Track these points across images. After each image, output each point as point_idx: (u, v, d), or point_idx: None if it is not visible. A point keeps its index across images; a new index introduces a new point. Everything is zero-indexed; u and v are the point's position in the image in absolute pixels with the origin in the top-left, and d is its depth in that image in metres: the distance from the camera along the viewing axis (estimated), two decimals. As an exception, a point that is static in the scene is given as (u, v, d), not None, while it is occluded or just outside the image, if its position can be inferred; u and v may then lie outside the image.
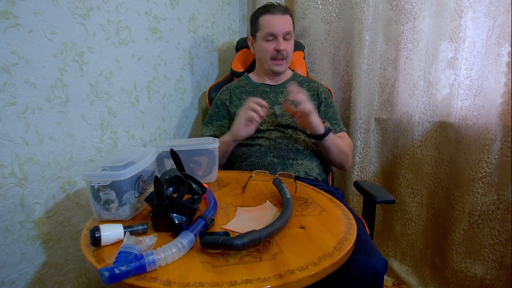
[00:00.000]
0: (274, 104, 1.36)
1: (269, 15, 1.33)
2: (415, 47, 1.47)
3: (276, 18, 1.32)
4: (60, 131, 1.05)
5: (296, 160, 1.26)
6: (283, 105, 1.23)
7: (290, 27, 1.34)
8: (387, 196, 1.14)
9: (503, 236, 1.40)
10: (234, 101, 1.38)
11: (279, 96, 1.38)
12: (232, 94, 1.41)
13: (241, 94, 1.40)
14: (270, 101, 1.36)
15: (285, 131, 1.31)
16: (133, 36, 1.27)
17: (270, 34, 1.33)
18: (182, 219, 0.76)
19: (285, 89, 1.38)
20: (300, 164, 1.26)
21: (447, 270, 1.55)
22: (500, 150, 1.35)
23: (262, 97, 1.35)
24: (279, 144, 1.28)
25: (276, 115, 1.33)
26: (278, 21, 1.32)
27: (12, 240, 0.96)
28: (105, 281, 0.58)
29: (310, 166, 1.27)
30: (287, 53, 1.36)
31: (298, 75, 1.49)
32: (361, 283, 0.84)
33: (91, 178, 0.79)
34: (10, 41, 0.90)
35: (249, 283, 0.59)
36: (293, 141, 1.29)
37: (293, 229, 0.79)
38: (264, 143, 1.29)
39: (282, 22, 1.32)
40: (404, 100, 1.55)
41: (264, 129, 1.31)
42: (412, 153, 1.56)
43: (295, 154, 1.27)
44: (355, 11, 1.54)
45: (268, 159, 1.25)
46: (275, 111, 1.34)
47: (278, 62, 1.36)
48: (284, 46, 1.33)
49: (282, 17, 1.33)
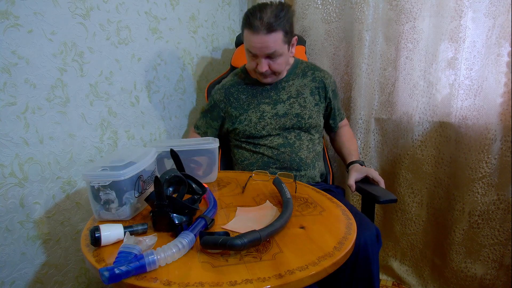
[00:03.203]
0: (277, 103, 1.26)
1: (250, 32, 1.13)
2: (415, 47, 1.47)
3: (256, 39, 1.12)
4: (60, 131, 1.05)
5: (299, 171, 1.24)
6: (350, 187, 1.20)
7: (275, 46, 1.13)
8: (388, 195, 1.10)
9: (503, 236, 1.40)
10: (233, 103, 1.29)
11: (281, 93, 1.28)
12: (228, 96, 1.30)
13: (239, 94, 1.30)
14: (271, 100, 1.27)
15: (288, 136, 1.25)
16: (133, 36, 1.27)
17: (250, 53, 1.18)
18: (182, 219, 0.76)
19: (287, 84, 1.29)
20: (303, 175, 1.25)
21: (447, 270, 1.55)
22: (500, 150, 1.35)
23: (262, 97, 1.28)
24: (282, 154, 1.23)
25: (279, 115, 1.25)
26: (259, 42, 1.12)
27: (12, 240, 0.96)
28: (105, 281, 0.58)
29: (312, 175, 1.27)
30: (273, 70, 1.20)
31: (301, 62, 1.35)
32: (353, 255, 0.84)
33: (91, 178, 0.80)
34: (10, 41, 0.90)
35: (249, 283, 0.59)
36: (296, 149, 1.24)
37: (293, 229, 0.79)
38: (266, 153, 1.25)
39: (263, 44, 1.12)
40: (404, 100, 1.55)
41: (266, 135, 1.25)
42: (412, 153, 1.56)
43: (298, 165, 1.24)
44: (355, 11, 1.53)
45: (271, 171, 1.21)
46: (277, 111, 1.25)
47: (263, 77, 1.23)
48: (266, 66, 1.17)
49: (264, 38, 1.11)
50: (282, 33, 1.13)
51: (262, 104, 1.27)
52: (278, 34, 1.12)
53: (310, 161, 1.26)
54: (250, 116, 1.26)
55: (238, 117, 1.28)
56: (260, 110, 1.26)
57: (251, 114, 1.27)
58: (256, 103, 1.28)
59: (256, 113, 1.26)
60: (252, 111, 1.27)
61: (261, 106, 1.27)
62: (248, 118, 1.27)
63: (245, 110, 1.28)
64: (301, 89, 1.29)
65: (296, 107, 1.26)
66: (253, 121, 1.26)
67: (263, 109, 1.26)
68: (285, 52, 1.18)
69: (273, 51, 1.14)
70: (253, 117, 1.26)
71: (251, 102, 1.28)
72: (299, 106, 1.27)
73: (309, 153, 1.27)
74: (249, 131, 1.26)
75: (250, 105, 1.28)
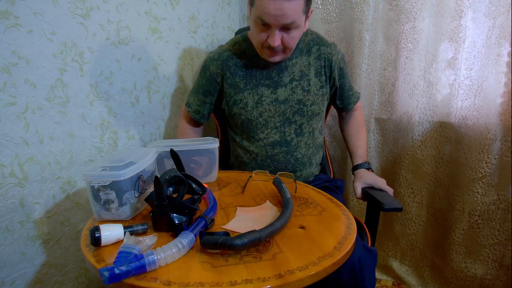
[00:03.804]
0: (278, 86, 1.14)
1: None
2: (415, 47, 1.47)
3: (274, 4, 0.94)
4: (60, 131, 1.05)
5: (295, 172, 1.21)
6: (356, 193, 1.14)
7: (294, 15, 0.97)
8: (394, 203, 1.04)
9: (503, 236, 1.40)
10: (228, 78, 1.16)
11: (283, 74, 1.14)
12: (224, 68, 1.17)
13: (236, 69, 1.16)
14: (272, 82, 1.14)
15: (287, 132, 1.18)
16: (133, 36, 1.27)
17: (262, 21, 1.00)
18: (182, 219, 0.76)
19: (290, 63, 1.14)
20: (299, 176, 1.23)
21: (447, 270, 1.55)
22: (500, 150, 1.35)
23: (262, 77, 1.15)
24: (277, 155, 1.18)
25: (279, 102, 1.14)
26: (276, 8, 0.94)
27: (12, 240, 0.96)
28: (105, 281, 0.58)
29: (308, 174, 1.25)
30: (285, 45, 1.05)
31: (305, 34, 1.17)
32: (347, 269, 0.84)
33: (91, 178, 0.79)
34: (10, 41, 0.90)
35: (249, 283, 0.59)
36: (292, 149, 1.18)
37: (293, 229, 0.79)
38: (260, 152, 1.19)
39: (281, 11, 0.95)
40: (404, 100, 1.55)
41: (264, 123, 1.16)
42: (412, 153, 1.56)
43: (293, 166, 1.20)
44: (355, 11, 1.53)
45: None
46: (278, 97, 1.14)
47: (270, 53, 1.08)
48: (279, 40, 1.01)
49: (284, 3, 0.94)
50: (304, 3, 0.98)
51: (261, 86, 1.15)
52: (299, 1, 0.96)
53: (307, 160, 1.22)
54: (247, 98, 1.16)
55: (232, 96, 1.18)
56: (259, 93, 1.15)
57: (247, 96, 1.16)
58: (254, 83, 1.16)
59: (253, 96, 1.15)
60: (249, 93, 1.16)
61: (259, 88, 1.15)
62: (244, 100, 1.16)
63: (241, 90, 1.16)
64: (305, 70, 1.15)
65: (298, 92, 1.15)
66: (249, 105, 1.16)
67: (262, 92, 1.15)
68: (302, 24, 1.02)
69: (291, 22, 0.98)
70: (250, 100, 1.16)
71: (248, 81, 1.16)
72: (302, 90, 1.15)
73: (307, 150, 1.21)
74: (245, 115, 1.17)
75: (247, 84, 1.16)
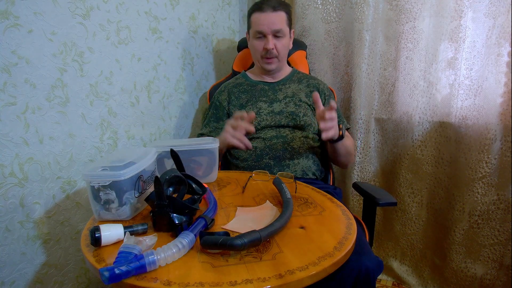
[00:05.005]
0: (273, 102, 1.34)
1: (258, 13, 1.31)
2: (415, 47, 1.47)
3: (265, 16, 1.29)
4: (60, 131, 1.05)
5: (292, 160, 1.25)
6: (313, 95, 1.17)
7: (280, 24, 1.30)
8: (388, 198, 1.12)
9: (503, 236, 1.40)
10: (233, 101, 1.38)
11: (277, 93, 1.37)
12: (230, 94, 1.40)
13: (240, 94, 1.39)
14: (268, 99, 1.35)
15: (282, 130, 1.30)
16: (133, 36, 1.27)
17: (259, 32, 1.31)
18: (182, 219, 0.76)
19: (284, 86, 1.38)
20: (296, 164, 1.25)
21: (447, 270, 1.55)
22: (500, 150, 1.35)
23: (260, 95, 1.36)
24: (275, 145, 1.27)
25: (275, 113, 1.32)
26: (267, 19, 1.29)
27: (12, 240, 0.96)
28: (105, 281, 0.58)
29: (306, 165, 1.27)
30: (278, 51, 1.33)
31: (298, 72, 1.47)
32: (352, 281, 0.84)
33: (91, 178, 0.79)
34: (10, 41, 0.90)
35: (249, 283, 0.59)
36: (288, 140, 1.28)
37: (293, 229, 0.79)
38: (259, 145, 1.28)
39: (271, 20, 1.29)
40: (404, 100, 1.55)
41: (260, 129, 1.30)
42: (412, 153, 1.56)
43: (291, 154, 1.26)
44: (355, 11, 1.53)
45: (264, 162, 1.25)
46: (273, 109, 1.33)
47: (268, 61, 1.34)
48: (273, 44, 1.30)
49: (272, 15, 1.29)
50: (286, 15, 1.33)
51: (259, 102, 1.35)
52: (282, 14, 1.31)
53: (304, 152, 1.27)
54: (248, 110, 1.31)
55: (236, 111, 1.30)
56: (257, 107, 1.34)
57: (248, 110, 1.32)
58: (254, 100, 1.36)
59: (253, 109, 1.33)
60: (250, 108, 1.34)
61: (258, 103, 1.35)
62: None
63: (243, 107, 1.35)
64: (296, 92, 1.37)
65: (291, 106, 1.33)
66: None
67: (260, 106, 1.34)
68: (287, 34, 1.34)
69: (280, 29, 1.30)
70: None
71: (249, 99, 1.37)
72: (294, 105, 1.33)
73: (303, 145, 1.28)
74: None
75: (248, 102, 1.36)
